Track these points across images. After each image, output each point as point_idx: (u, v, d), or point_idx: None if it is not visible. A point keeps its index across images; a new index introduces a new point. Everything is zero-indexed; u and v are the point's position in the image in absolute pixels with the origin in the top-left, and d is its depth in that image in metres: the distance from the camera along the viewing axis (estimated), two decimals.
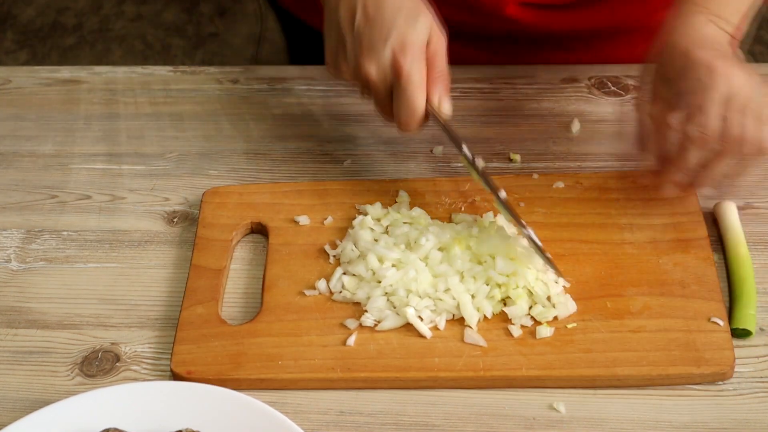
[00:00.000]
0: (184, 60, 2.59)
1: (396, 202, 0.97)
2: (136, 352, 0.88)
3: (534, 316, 0.86)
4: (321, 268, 0.92)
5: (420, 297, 0.87)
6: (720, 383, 0.82)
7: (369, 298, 0.88)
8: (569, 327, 0.85)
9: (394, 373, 0.84)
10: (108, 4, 2.77)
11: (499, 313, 0.87)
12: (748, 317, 0.85)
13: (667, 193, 0.92)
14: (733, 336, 0.84)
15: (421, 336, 0.86)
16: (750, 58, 1.18)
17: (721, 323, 0.84)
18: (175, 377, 0.85)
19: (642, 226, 0.93)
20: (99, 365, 0.87)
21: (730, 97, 0.86)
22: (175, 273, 0.94)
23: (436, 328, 0.86)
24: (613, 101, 1.09)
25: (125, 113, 1.13)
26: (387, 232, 0.94)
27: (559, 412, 0.81)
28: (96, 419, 0.80)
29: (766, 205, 0.96)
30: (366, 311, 0.87)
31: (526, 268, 0.87)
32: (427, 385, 0.84)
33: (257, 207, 0.98)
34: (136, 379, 0.86)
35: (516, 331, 0.85)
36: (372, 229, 0.94)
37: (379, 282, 0.88)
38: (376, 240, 0.92)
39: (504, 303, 0.87)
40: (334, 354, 0.85)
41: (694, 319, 0.85)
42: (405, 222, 0.94)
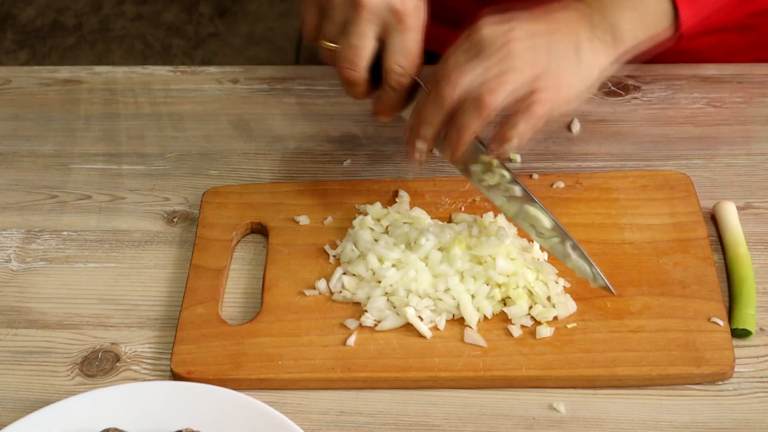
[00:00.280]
0: (184, 60, 2.59)
1: (396, 202, 0.97)
2: (136, 352, 0.88)
3: (534, 316, 0.86)
4: (321, 268, 0.92)
5: (420, 297, 0.87)
6: (720, 383, 0.82)
7: (369, 298, 0.88)
8: (569, 327, 0.85)
9: (394, 373, 0.84)
10: (108, 4, 2.77)
11: (499, 313, 0.87)
12: (747, 317, 0.85)
13: (413, 157, 0.89)
14: (733, 336, 0.84)
15: (421, 336, 0.86)
16: None
17: (721, 323, 0.84)
18: (175, 377, 0.85)
19: (642, 226, 0.93)
20: (99, 365, 0.87)
21: (472, 46, 0.83)
22: (175, 273, 0.94)
23: (436, 328, 0.86)
24: (613, 101, 1.09)
25: (125, 113, 1.13)
26: (387, 232, 0.94)
27: (559, 412, 0.81)
28: (96, 419, 0.80)
29: (766, 205, 0.96)
30: (366, 311, 0.87)
31: (526, 268, 0.88)
32: (427, 385, 0.84)
33: (257, 207, 0.98)
34: (136, 379, 0.86)
35: (516, 331, 0.85)
36: (372, 229, 0.94)
37: (379, 282, 0.88)
38: (376, 240, 0.92)
39: (504, 303, 0.87)
40: (334, 354, 0.85)
41: (694, 319, 0.85)
42: (405, 222, 0.94)
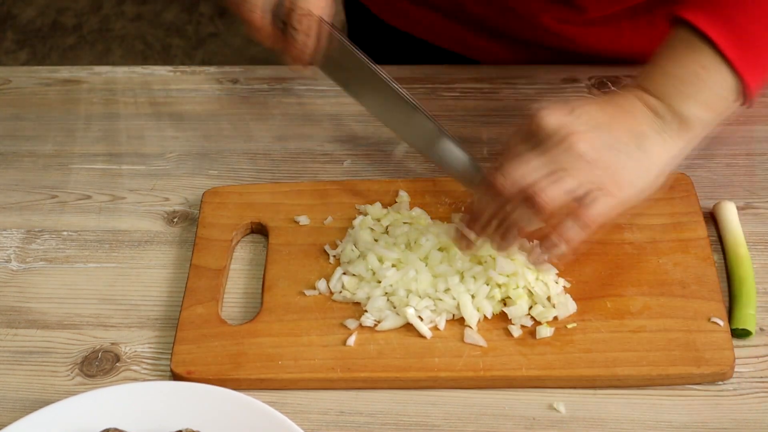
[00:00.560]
0: (184, 60, 2.59)
1: (396, 202, 0.97)
2: (136, 352, 0.88)
3: (534, 316, 0.86)
4: (321, 268, 0.92)
5: (420, 297, 0.87)
6: (720, 383, 0.82)
7: (369, 298, 0.88)
8: (569, 327, 0.85)
9: (394, 373, 0.84)
10: (108, 4, 2.77)
11: (499, 313, 0.87)
12: (747, 317, 0.85)
13: (461, 246, 0.87)
14: (733, 336, 0.84)
15: (421, 336, 0.86)
16: None
17: (721, 323, 0.84)
18: (175, 377, 0.85)
19: (642, 226, 0.93)
20: (99, 365, 0.87)
21: (547, 148, 0.80)
22: (175, 273, 0.94)
23: (436, 328, 0.86)
24: None
25: (125, 113, 1.13)
26: (387, 232, 0.94)
27: (559, 412, 0.81)
28: (96, 419, 0.80)
29: (766, 205, 0.96)
30: (366, 311, 0.87)
31: (526, 268, 0.88)
32: (427, 385, 0.84)
33: (257, 207, 0.98)
34: (136, 379, 0.86)
35: (516, 331, 0.85)
36: (372, 229, 0.94)
37: (379, 282, 0.88)
38: (376, 240, 0.92)
39: (504, 303, 0.87)
40: (334, 354, 0.85)
41: (694, 319, 0.85)
42: (405, 222, 0.94)
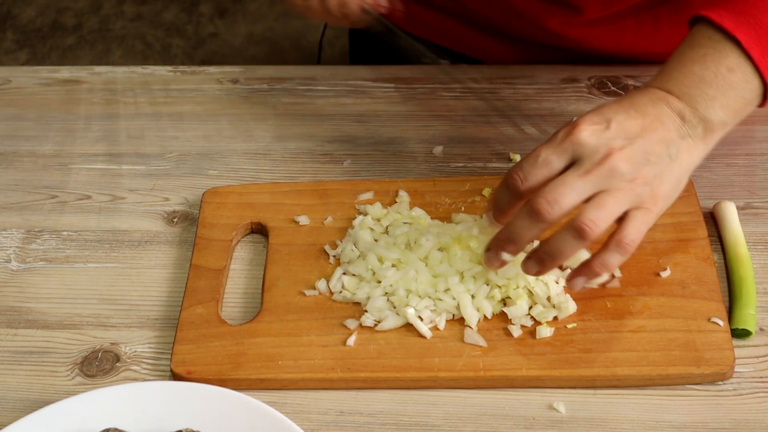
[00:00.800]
0: (184, 60, 2.59)
1: (396, 202, 0.97)
2: (136, 352, 0.88)
3: (534, 316, 0.86)
4: (321, 268, 0.92)
5: (420, 297, 0.87)
6: (720, 383, 0.82)
7: (369, 298, 0.88)
8: (569, 327, 0.85)
9: (394, 373, 0.84)
10: (108, 4, 2.77)
11: (499, 313, 0.87)
12: (747, 317, 0.85)
13: (492, 265, 0.85)
14: (733, 336, 0.84)
15: (421, 336, 0.86)
16: None
17: (721, 323, 0.84)
18: (175, 377, 0.85)
19: None
20: (99, 365, 0.87)
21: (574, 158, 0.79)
22: (175, 273, 0.94)
23: (436, 328, 0.86)
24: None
25: (125, 113, 1.13)
26: (387, 232, 0.94)
27: (559, 412, 0.81)
28: (96, 419, 0.80)
29: (766, 205, 0.96)
30: (366, 311, 0.87)
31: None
32: (427, 385, 0.84)
33: (257, 207, 0.98)
34: (136, 379, 0.86)
35: (516, 331, 0.85)
36: (372, 229, 0.94)
37: (379, 282, 0.88)
38: (376, 240, 0.92)
39: (504, 303, 0.87)
40: (334, 354, 0.85)
41: (694, 319, 0.85)
42: (405, 222, 0.94)
